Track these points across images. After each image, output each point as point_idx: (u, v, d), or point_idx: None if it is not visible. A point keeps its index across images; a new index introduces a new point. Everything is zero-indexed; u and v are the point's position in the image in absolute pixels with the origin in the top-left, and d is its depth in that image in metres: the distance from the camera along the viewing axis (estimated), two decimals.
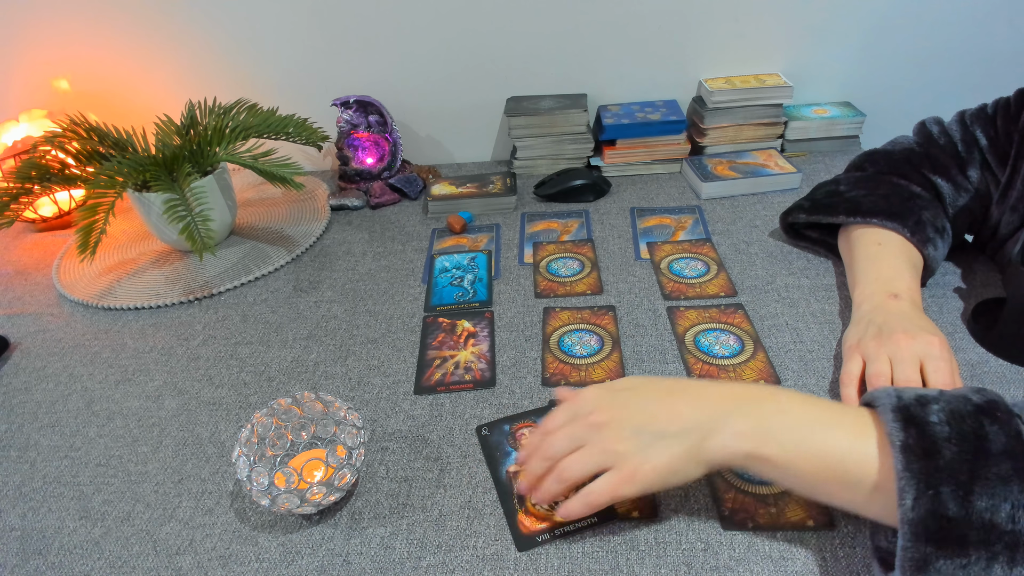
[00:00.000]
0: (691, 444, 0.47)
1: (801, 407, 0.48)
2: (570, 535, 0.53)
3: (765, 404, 0.48)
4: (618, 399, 0.51)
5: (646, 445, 0.48)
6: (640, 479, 0.47)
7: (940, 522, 0.40)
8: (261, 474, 0.54)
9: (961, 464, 0.41)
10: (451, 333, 0.76)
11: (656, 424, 0.48)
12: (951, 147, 0.76)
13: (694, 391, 0.50)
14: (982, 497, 0.40)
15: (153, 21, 1.08)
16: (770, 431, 0.46)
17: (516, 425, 0.64)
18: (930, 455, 0.41)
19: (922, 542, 0.40)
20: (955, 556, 0.40)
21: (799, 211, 0.82)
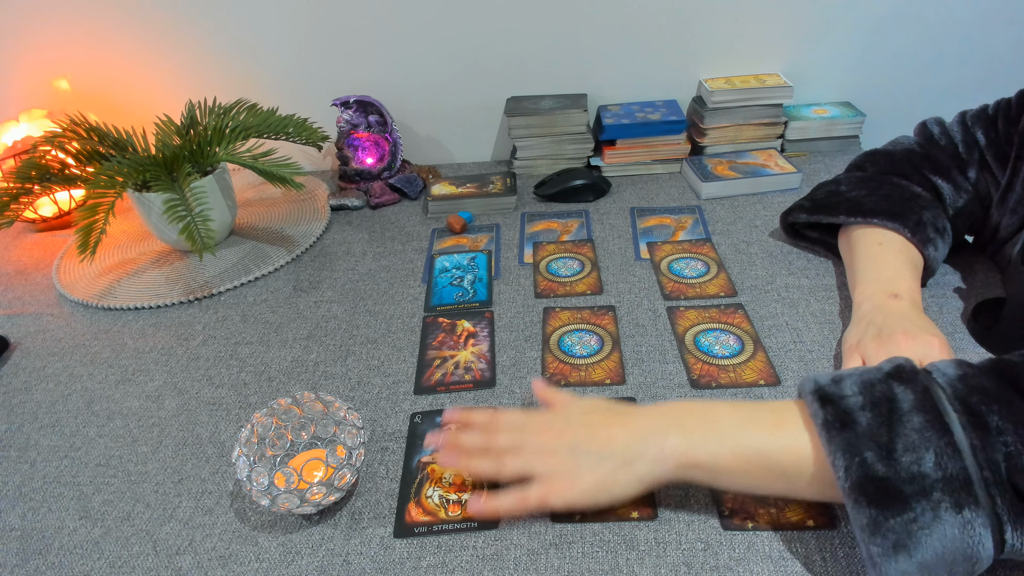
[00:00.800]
0: (619, 463, 0.51)
1: (726, 411, 0.52)
2: (448, 532, 0.54)
3: (691, 417, 0.52)
4: (569, 419, 0.55)
5: (577, 462, 0.52)
6: (567, 492, 0.52)
7: (874, 484, 0.43)
8: (261, 474, 0.54)
9: (878, 427, 0.44)
10: (451, 333, 0.76)
11: (591, 445, 0.52)
12: (952, 148, 0.76)
13: (630, 416, 0.54)
14: (905, 452, 0.43)
15: (153, 21, 1.08)
16: (699, 440, 0.50)
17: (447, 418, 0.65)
18: (847, 425, 0.45)
19: (864, 506, 0.43)
20: (900, 513, 0.42)
21: (800, 211, 0.82)
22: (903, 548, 0.42)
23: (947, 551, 0.42)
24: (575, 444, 0.53)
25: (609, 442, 0.52)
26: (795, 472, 0.48)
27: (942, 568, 0.43)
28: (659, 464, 0.51)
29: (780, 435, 0.49)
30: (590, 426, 0.54)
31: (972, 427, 0.43)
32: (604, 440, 0.52)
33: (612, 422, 0.53)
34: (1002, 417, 0.43)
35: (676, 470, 0.51)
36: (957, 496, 0.42)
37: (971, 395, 0.45)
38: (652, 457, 0.51)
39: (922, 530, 0.42)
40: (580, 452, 0.52)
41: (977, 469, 0.42)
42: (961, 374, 0.46)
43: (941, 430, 0.44)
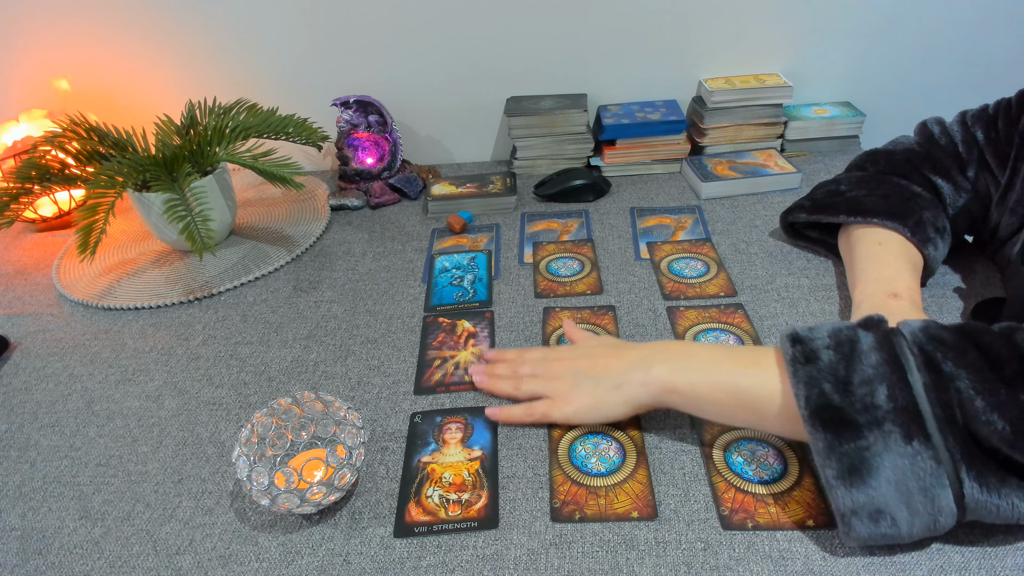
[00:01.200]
0: (611, 386, 0.59)
1: (709, 350, 0.58)
2: (447, 532, 0.54)
3: (677, 351, 0.59)
4: (576, 352, 0.65)
5: (577, 385, 0.61)
6: (565, 408, 0.61)
7: (830, 412, 0.48)
8: (261, 474, 0.54)
9: (838, 363, 0.49)
10: (451, 333, 0.76)
11: (591, 372, 0.61)
12: (952, 147, 0.76)
13: (627, 350, 0.62)
14: (860, 386, 0.48)
15: (153, 21, 1.08)
16: (680, 370, 0.56)
17: (446, 419, 0.65)
18: (811, 360, 0.50)
19: (820, 431, 0.48)
20: (853, 439, 0.47)
21: (799, 210, 0.82)
22: (855, 472, 0.46)
23: (899, 481, 0.45)
24: (578, 371, 0.62)
25: (605, 369, 0.61)
26: (764, 404, 0.53)
27: (898, 500, 0.46)
28: (644, 388, 0.58)
29: (753, 371, 0.54)
30: (593, 357, 0.63)
31: (926, 368, 0.47)
32: (601, 367, 0.61)
33: (611, 354, 0.62)
34: (956, 364, 0.46)
35: (658, 394, 0.57)
36: (907, 428, 0.46)
37: (928, 342, 0.48)
38: (639, 381, 0.58)
39: (874, 457, 0.46)
40: (581, 377, 0.62)
41: (928, 406, 0.46)
42: (923, 326, 0.49)
43: (895, 367, 0.48)
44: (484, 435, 0.63)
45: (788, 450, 0.59)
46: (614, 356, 0.61)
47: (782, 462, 0.58)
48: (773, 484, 0.56)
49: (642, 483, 0.57)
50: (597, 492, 0.56)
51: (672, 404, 0.58)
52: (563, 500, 0.56)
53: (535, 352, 0.68)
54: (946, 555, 0.49)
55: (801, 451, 0.58)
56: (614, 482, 0.57)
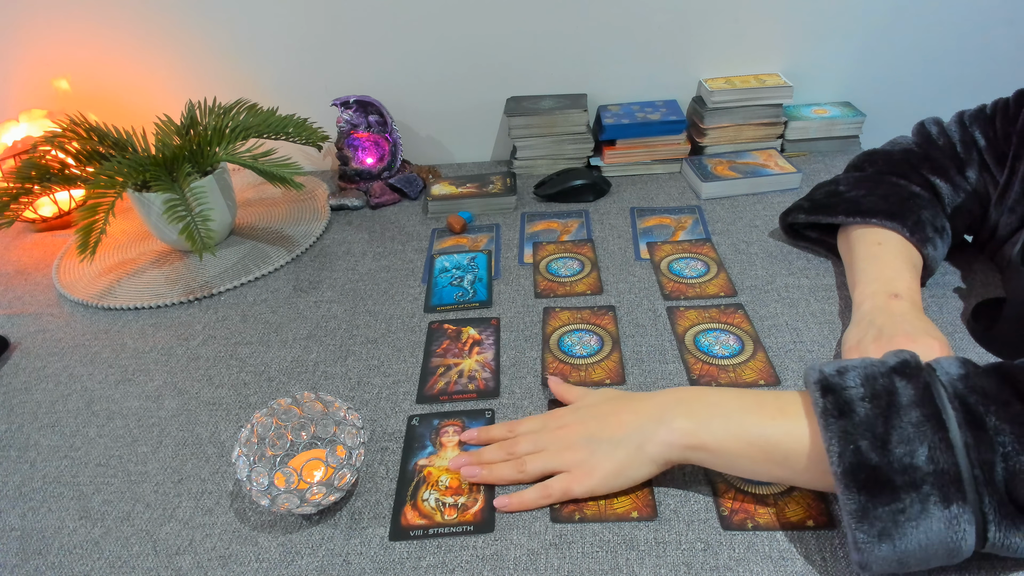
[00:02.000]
0: (634, 447, 0.54)
1: (731, 398, 0.53)
2: (443, 536, 0.54)
3: (699, 402, 0.54)
4: (579, 415, 0.58)
5: (595, 452, 0.55)
6: (587, 480, 0.55)
7: (866, 471, 0.44)
8: (261, 474, 0.54)
9: (875, 418, 0.45)
10: (456, 340, 0.76)
11: (605, 433, 0.55)
12: (950, 148, 0.76)
13: (638, 402, 0.56)
14: (899, 444, 0.44)
15: (153, 21, 1.08)
16: (704, 423, 0.52)
17: (444, 422, 0.65)
18: (845, 414, 0.46)
19: (854, 492, 0.44)
20: (889, 502, 0.43)
21: (799, 211, 0.82)
22: (888, 537, 0.43)
23: (931, 543, 0.43)
24: (590, 435, 0.56)
25: (621, 428, 0.55)
26: (794, 458, 0.49)
27: (922, 556, 0.44)
28: (668, 446, 0.53)
29: (782, 422, 0.50)
30: (602, 416, 0.57)
31: (968, 425, 0.44)
32: (616, 427, 0.55)
33: (623, 408, 0.56)
34: (999, 418, 0.44)
35: (684, 451, 0.53)
36: (946, 491, 0.43)
37: (970, 395, 0.45)
38: (661, 440, 0.53)
39: (909, 521, 0.43)
40: (595, 442, 0.55)
41: (969, 467, 0.43)
42: (963, 373, 0.47)
43: (937, 425, 0.44)
44: None
45: None
46: (625, 411, 0.56)
47: None
48: (773, 484, 0.56)
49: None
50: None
51: (698, 461, 0.53)
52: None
53: (529, 423, 0.61)
54: None
55: None
56: None
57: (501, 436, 0.61)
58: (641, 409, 0.55)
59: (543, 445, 0.57)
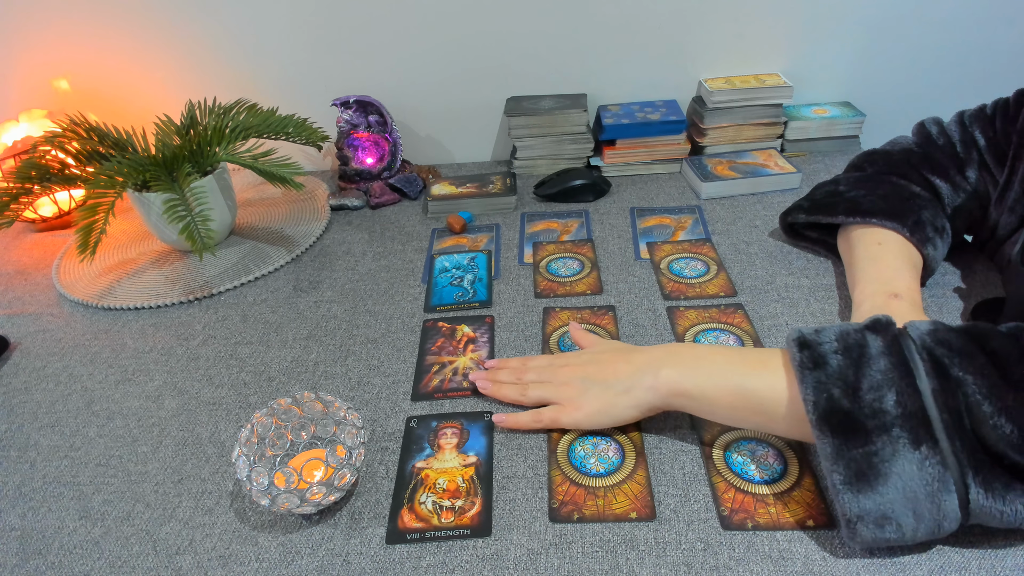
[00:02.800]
0: (622, 391, 0.59)
1: (718, 353, 0.58)
2: (439, 539, 0.54)
3: (687, 354, 0.58)
4: (582, 358, 0.64)
5: (587, 391, 0.61)
6: (575, 414, 0.61)
7: (838, 416, 0.47)
8: (261, 474, 0.54)
9: (847, 369, 0.49)
10: (450, 338, 0.76)
11: (600, 377, 0.61)
12: (949, 147, 0.76)
13: (635, 353, 0.61)
14: (869, 391, 0.47)
15: (153, 21, 1.08)
16: (688, 373, 0.56)
17: (441, 424, 0.65)
18: (820, 366, 0.49)
19: (828, 436, 0.47)
20: (862, 445, 0.47)
21: (798, 211, 0.82)
22: (863, 478, 0.46)
23: (906, 487, 0.45)
24: (586, 376, 0.62)
25: (614, 374, 0.60)
26: (772, 407, 0.53)
27: (904, 507, 0.46)
28: (653, 391, 0.57)
29: (762, 373, 0.54)
30: (601, 363, 0.62)
31: (935, 374, 0.47)
32: (610, 372, 0.60)
33: (618, 359, 0.61)
34: (964, 369, 0.46)
35: (667, 397, 0.57)
36: (916, 433, 0.46)
37: (937, 347, 0.48)
38: (647, 385, 0.58)
39: (883, 463, 0.46)
40: (589, 382, 0.61)
41: (936, 411, 0.46)
42: (932, 329, 0.49)
43: (904, 372, 0.47)
44: (480, 441, 0.63)
45: (788, 450, 0.59)
46: (622, 360, 0.61)
47: (782, 462, 0.58)
48: (773, 484, 0.56)
49: (641, 484, 0.57)
50: (596, 493, 0.56)
51: (681, 407, 0.58)
52: (561, 500, 0.56)
53: (540, 359, 0.68)
54: (946, 555, 0.49)
55: (801, 451, 0.58)
56: (613, 483, 0.57)
57: (515, 367, 0.68)
58: (635, 360, 0.60)
59: (546, 378, 0.64)
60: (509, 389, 0.66)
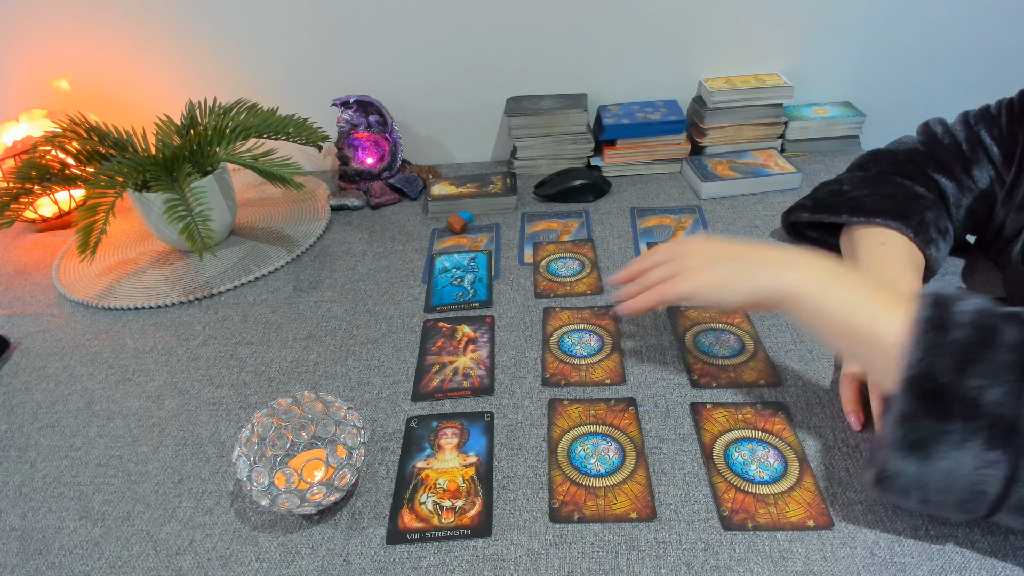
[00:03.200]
0: (745, 273, 0.57)
1: (852, 275, 0.55)
2: (440, 540, 0.54)
3: (821, 264, 0.55)
4: (711, 241, 0.63)
5: (711, 264, 0.60)
6: (689, 282, 0.60)
7: (931, 385, 0.45)
8: (261, 474, 0.54)
9: (967, 345, 0.45)
10: (451, 338, 0.76)
11: (727, 255, 0.60)
12: (955, 147, 0.76)
13: (771, 247, 0.60)
14: (976, 377, 0.44)
15: (153, 21, 1.08)
16: (817, 283, 0.54)
17: (442, 424, 0.65)
18: (940, 330, 0.46)
19: (911, 396, 0.45)
20: (938, 420, 0.44)
21: (802, 210, 0.82)
22: (918, 447, 0.45)
23: (953, 474, 0.44)
24: (714, 254, 0.61)
25: (744, 255, 0.59)
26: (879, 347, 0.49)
27: (940, 488, 0.45)
28: (774, 283, 0.55)
29: (887, 310, 0.50)
30: (731, 245, 0.61)
31: None
32: (740, 254, 0.59)
33: (751, 246, 0.60)
34: None
35: (784, 297, 0.55)
36: (997, 438, 0.43)
37: None
38: (772, 275, 0.56)
39: (943, 446, 0.44)
40: (716, 258, 0.60)
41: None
42: None
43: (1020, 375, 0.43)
44: (480, 441, 0.63)
45: (788, 450, 0.59)
46: (754, 248, 0.59)
47: (782, 462, 0.58)
48: (773, 484, 0.56)
49: (641, 484, 0.57)
50: (596, 493, 0.56)
51: (791, 310, 0.56)
52: (562, 500, 0.56)
53: (661, 251, 0.65)
54: (946, 555, 0.49)
55: (802, 451, 0.58)
56: (613, 483, 0.57)
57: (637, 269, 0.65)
58: (770, 252, 0.59)
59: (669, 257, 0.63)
60: (640, 300, 0.64)
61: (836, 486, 0.55)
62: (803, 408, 0.63)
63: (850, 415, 0.61)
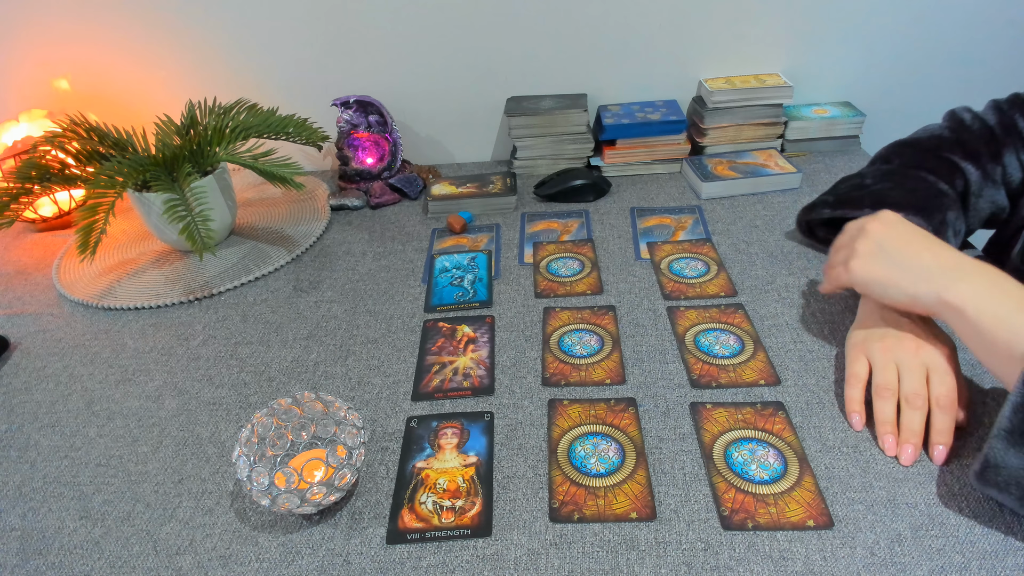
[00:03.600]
0: (909, 274, 0.58)
1: (1017, 290, 0.54)
2: (440, 539, 0.54)
3: (988, 276, 0.55)
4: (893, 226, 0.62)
5: (878, 257, 0.61)
6: (855, 270, 0.62)
7: None
8: (261, 474, 0.54)
9: None
10: (451, 338, 0.76)
11: (898, 250, 0.60)
12: (986, 132, 0.75)
13: (943, 248, 0.59)
14: None
15: (153, 21, 1.08)
16: (982, 299, 0.53)
17: (442, 424, 0.65)
18: None
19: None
20: None
21: (823, 206, 0.80)
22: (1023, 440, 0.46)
23: None
24: (888, 246, 0.60)
25: (913, 255, 0.59)
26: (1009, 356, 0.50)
27: None
28: (935, 295, 0.56)
29: None
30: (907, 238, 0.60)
31: None
32: (910, 251, 0.59)
33: (924, 245, 0.59)
34: None
35: (943, 307, 0.55)
36: None
37: None
38: (940, 286, 0.56)
39: None
40: (890, 251, 0.60)
41: None
42: None
43: None
44: (480, 441, 0.63)
45: (788, 450, 0.59)
46: (926, 249, 0.59)
47: (782, 462, 0.58)
48: (773, 484, 0.56)
49: (641, 484, 0.57)
50: (596, 493, 0.56)
51: (948, 320, 0.56)
52: (562, 500, 0.56)
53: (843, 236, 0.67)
54: (946, 555, 0.49)
55: (802, 451, 0.58)
56: (613, 483, 0.57)
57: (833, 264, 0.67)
58: (940, 256, 0.58)
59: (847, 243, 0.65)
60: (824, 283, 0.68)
61: (836, 486, 0.55)
62: (803, 408, 0.63)
63: (852, 414, 0.61)
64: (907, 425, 0.58)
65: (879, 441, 0.59)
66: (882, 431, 0.59)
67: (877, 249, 0.61)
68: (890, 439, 0.58)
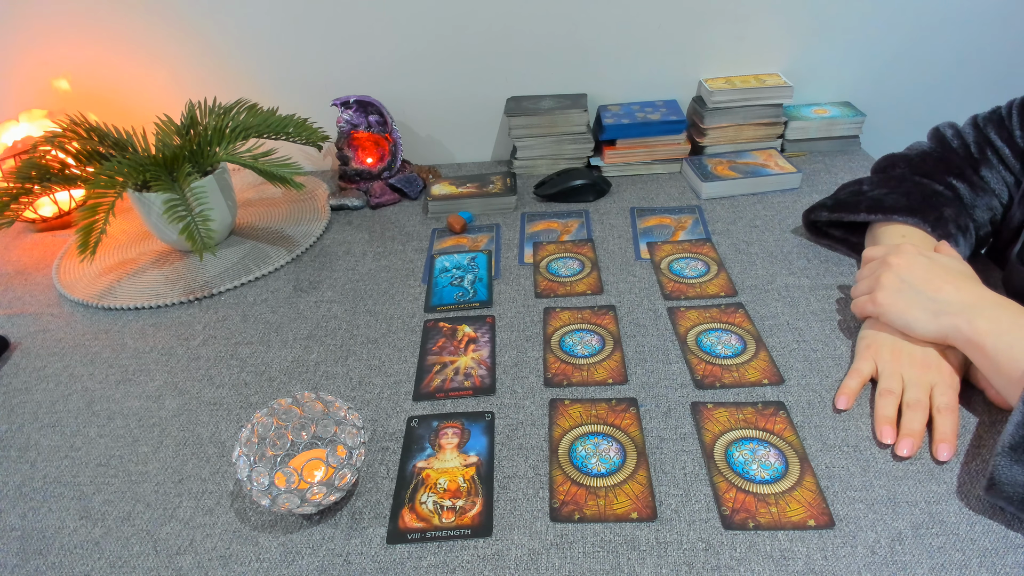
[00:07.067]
0: (930, 310, 0.60)
1: None
2: (440, 539, 0.54)
3: (1008, 315, 0.57)
4: (914, 260, 0.64)
5: (902, 291, 0.63)
6: (881, 304, 0.64)
7: None
8: (261, 474, 0.54)
9: None
10: (452, 338, 0.76)
11: (921, 285, 0.62)
12: (964, 149, 0.77)
13: (963, 282, 0.61)
14: None
15: (153, 21, 1.08)
16: (999, 334, 0.55)
17: (442, 424, 0.65)
18: None
19: None
20: None
21: (822, 209, 0.83)
22: None
23: None
24: (911, 279, 0.63)
25: (936, 290, 0.61)
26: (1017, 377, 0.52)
27: None
28: (956, 330, 0.58)
29: None
30: (927, 268, 0.63)
31: None
32: (933, 287, 0.61)
33: (947, 279, 0.62)
34: None
35: (964, 342, 0.58)
36: None
37: None
38: (961, 321, 0.58)
39: None
40: (913, 285, 0.62)
41: None
42: None
43: None
44: (481, 440, 0.63)
45: (789, 450, 0.59)
46: (949, 283, 0.61)
47: (783, 461, 0.58)
48: (774, 484, 0.56)
49: (642, 484, 0.57)
50: (597, 492, 0.56)
51: (967, 352, 0.58)
52: (563, 500, 0.56)
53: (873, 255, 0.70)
54: (946, 554, 0.49)
55: (803, 450, 0.58)
56: (614, 482, 0.57)
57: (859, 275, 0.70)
58: (963, 290, 0.60)
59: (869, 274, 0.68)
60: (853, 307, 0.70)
61: (837, 485, 0.55)
62: (804, 407, 0.63)
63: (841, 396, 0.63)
64: (907, 424, 0.58)
65: (877, 433, 0.59)
66: (881, 424, 0.59)
67: (900, 283, 0.63)
68: (888, 429, 0.59)
